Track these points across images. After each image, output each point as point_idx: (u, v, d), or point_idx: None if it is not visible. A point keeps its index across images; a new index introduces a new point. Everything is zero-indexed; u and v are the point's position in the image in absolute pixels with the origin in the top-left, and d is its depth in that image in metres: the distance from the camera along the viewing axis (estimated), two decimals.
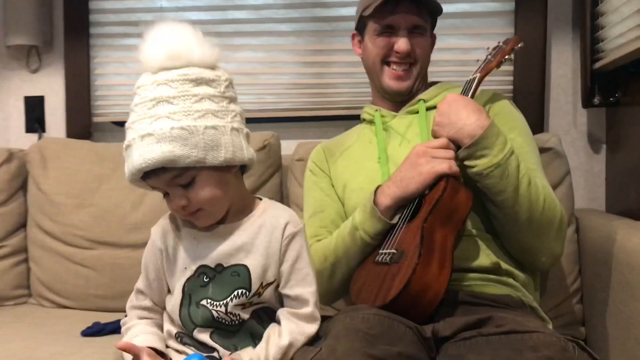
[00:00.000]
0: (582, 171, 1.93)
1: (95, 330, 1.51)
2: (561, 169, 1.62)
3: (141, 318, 1.16)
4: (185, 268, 1.12)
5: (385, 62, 1.40)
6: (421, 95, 1.43)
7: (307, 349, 1.05)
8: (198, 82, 1.04)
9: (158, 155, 0.99)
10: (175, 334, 1.14)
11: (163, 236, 1.14)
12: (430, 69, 1.83)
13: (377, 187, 1.24)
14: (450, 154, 1.20)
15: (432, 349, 1.09)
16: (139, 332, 1.12)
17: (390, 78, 1.40)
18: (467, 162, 1.20)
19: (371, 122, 1.46)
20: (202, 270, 1.11)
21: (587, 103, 1.82)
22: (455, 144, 1.21)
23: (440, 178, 1.18)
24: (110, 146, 1.93)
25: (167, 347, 1.14)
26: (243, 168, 1.14)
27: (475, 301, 1.20)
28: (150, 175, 1.03)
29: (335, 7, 2.03)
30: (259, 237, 1.11)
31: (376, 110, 1.45)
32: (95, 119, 2.16)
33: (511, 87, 1.94)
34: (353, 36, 1.50)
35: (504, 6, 1.95)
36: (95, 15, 2.14)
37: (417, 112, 1.41)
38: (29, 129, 2.20)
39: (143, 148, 1.00)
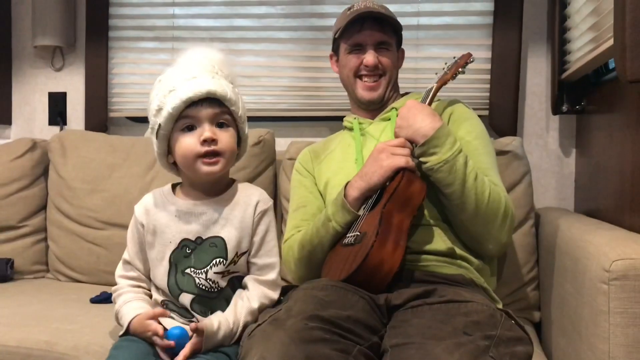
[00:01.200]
0: (554, 173, 2.06)
1: (103, 298, 1.67)
2: (520, 169, 1.73)
3: (131, 287, 1.32)
4: (170, 242, 1.28)
5: (358, 75, 1.55)
6: (394, 104, 1.57)
7: (269, 310, 1.21)
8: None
9: (206, 87, 1.18)
10: (162, 301, 1.31)
11: (145, 213, 1.30)
12: (415, 75, 2.01)
13: (347, 183, 1.38)
14: (407, 151, 1.34)
15: (384, 315, 1.23)
16: (132, 298, 1.28)
17: (362, 89, 1.56)
18: (421, 159, 1.35)
19: (351, 129, 1.61)
20: (184, 243, 1.27)
21: (556, 110, 1.95)
22: (412, 143, 1.36)
23: (398, 171, 1.33)
24: (122, 139, 2.06)
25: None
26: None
27: (429, 279, 1.33)
28: (198, 104, 1.19)
29: (330, 18, 2.15)
30: (233, 212, 1.27)
31: (354, 118, 1.60)
32: (111, 114, 2.27)
33: (487, 94, 2.06)
34: (330, 57, 1.66)
35: (483, 20, 2.07)
36: (114, 20, 2.26)
37: (390, 119, 1.54)
38: (52, 121, 2.34)
39: (192, 84, 1.19)
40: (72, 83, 2.32)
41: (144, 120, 2.20)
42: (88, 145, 2.01)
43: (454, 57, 1.52)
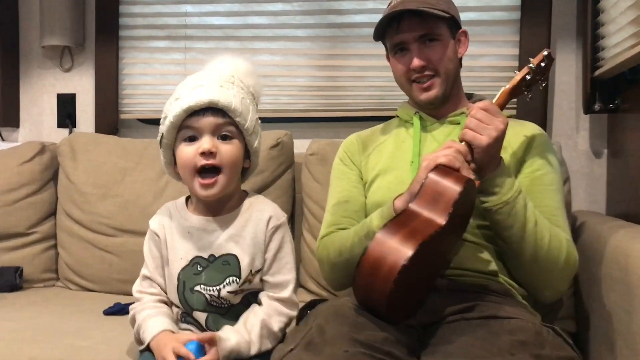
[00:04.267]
0: (584, 175, 1.98)
1: (116, 310, 1.60)
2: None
3: (153, 302, 1.26)
4: (181, 258, 1.23)
5: (410, 80, 1.38)
6: (465, 108, 1.40)
7: (298, 328, 1.12)
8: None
9: (208, 96, 1.13)
10: (180, 314, 1.26)
11: (161, 228, 1.26)
12: None
13: (397, 196, 1.25)
14: (452, 151, 1.17)
15: (418, 332, 1.15)
16: (155, 314, 1.22)
17: (418, 92, 1.38)
18: (480, 198, 1.23)
19: (406, 121, 1.45)
20: (196, 260, 1.22)
21: (588, 109, 1.86)
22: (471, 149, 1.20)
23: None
24: (135, 141, 2.00)
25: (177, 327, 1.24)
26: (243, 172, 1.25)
27: (464, 288, 1.25)
28: (199, 114, 1.14)
29: (348, 14, 2.08)
30: (246, 229, 1.22)
31: (415, 113, 1.43)
32: (122, 116, 2.22)
33: None
34: (387, 58, 1.47)
35: (510, 15, 1.99)
36: (125, 18, 2.21)
37: (459, 124, 1.39)
38: (61, 124, 2.28)
39: (195, 93, 1.14)
40: (82, 84, 2.27)
41: (156, 122, 2.05)
42: (99, 149, 1.96)
43: (530, 59, 1.35)
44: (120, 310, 1.59)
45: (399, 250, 1.03)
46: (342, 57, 2.09)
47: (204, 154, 1.15)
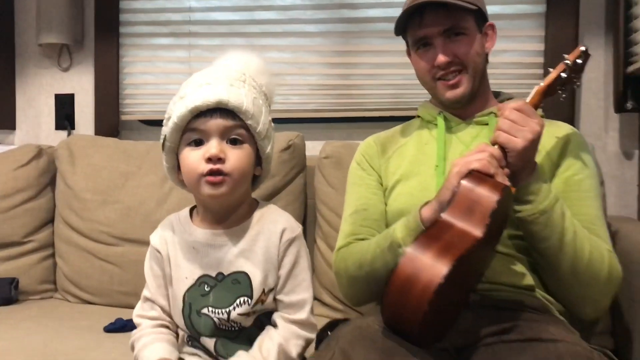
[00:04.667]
0: (614, 177, 1.88)
1: (118, 326, 1.51)
2: None
3: (153, 327, 1.16)
4: (186, 277, 1.12)
5: (435, 77, 1.30)
6: (493, 108, 1.32)
7: (319, 354, 1.02)
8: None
9: (216, 96, 1.02)
10: (187, 338, 1.15)
11: (163, 244, 1.15)
12: None
13: (423, 205, 1.17)
14: (485, 155, 1.08)
15: (452, 357, 1.05)
16: (153, 340, 1.12)
17: (443, 89, 1.30)
18: (514, 206, 1.14)
19: (429, 122, 1.37)
20: (203, 279, 1.11)
21: (619, 108, 1.77)
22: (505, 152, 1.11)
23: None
24: (137, 144, 1.93)
25: (182, 352, 1.15)
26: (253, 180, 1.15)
27: (499, 305, 1.16)
28: (206, 115, 1.04)
29: (362, 9, 2.00)
30: (257, 243, 1.11)
31: (439, 113, 1.34)
32: (123, 117, 2.16)
33: None
34: (408, 54, 1.39)
35: (535, 8, 1.91)
36: (126, 14, 2.14)
37: (487, 124, 1.31)
38: (59, 126, 2.22)
39: (202, 91, 1.04)
40: (81, 84, 2.21)
41: (159, 123, 2.02)
42: (99, 152, 1.88)
43: (564, 56, 1.26)
44: (122, 327, 1.49)
45: (434, 266, 0.94)
46: (355, 54, 2.02)
47: (210, 159, 1.04)
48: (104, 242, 1.80)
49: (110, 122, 2.15)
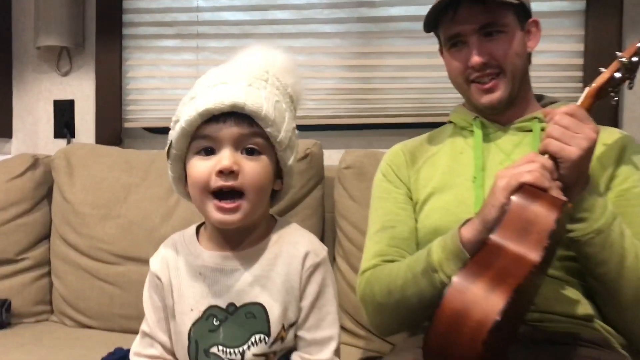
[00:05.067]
0: None
1: (118, 358, 1.35)
2: None
3: None
4: (192, 309, 0.97)
5: (468, 80, 1.20)
6: (537, 112, 1.22)
7: None
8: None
9: (231, 97, 0.90)
10: None
11: (164, 269, 1.01)
12: None
13: (464, 222, 1.05)
14: (536, 166, 0.97)
15: None
16: None
17: (478, 93, 1.19)
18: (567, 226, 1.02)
19: (463, 128, 1.27)
20: (211, 311, 0.97)
21: None
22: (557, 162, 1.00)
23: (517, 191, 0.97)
24: (140, 153, 1.83)
25: None
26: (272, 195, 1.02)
27: (552, 339, 1.04)
28: (219, 120, 0.91)
29: (383, 7, 1.92)
30: (275, 268, 0.96)
31: (475, 118, 1.24)
32: (126, 125, 2.08)
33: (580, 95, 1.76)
34: (440, 52, 1.29)
35: (574, 5, 1.80)
36: (129, 15, 2.07)
37: (530, 131, 1.20)
38: (58, 134, 2.15)
39: (215, 92, 0.92)
40: (81, 89, 2.13)
41: (164, 131, 2.00)
42: (99, 162, 1.78)
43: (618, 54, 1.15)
44: (121, 358, 1.33)
45: (487, 300, 0.82)
46: (376, 55, 1.94)
47: (222, 173, 0.90)
48: (104, 260, 1.69)
49: (112, 130, 2.07)
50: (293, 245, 0.98)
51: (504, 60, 1.16)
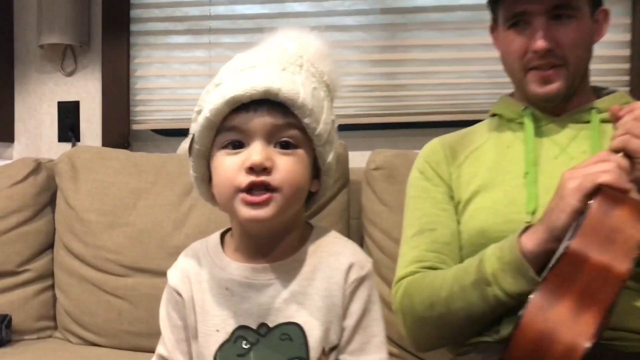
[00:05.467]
0: None
1: None
2: None
3: None
4: (217, 330, 0.86)
5: (526, 67, 1.10)
6: (596, 103, 1.13)
7: None
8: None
9: (264, 82, 0.80)
10: None
11: (184, 283, 0.90)
12: None
13: (525, 228, 0.95)
14: (611, 165, 0.89)
15: None
16: None
17: (533, 81, 1.10)
18: None
19: (510, 120, 1.18)
20: (240, 332, 0.86)
21: None
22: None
23: (594, 194, 0.87)
24: (150, 156, 1.75)
25: None
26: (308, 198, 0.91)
27: None
28: (249, 109, 0.81)
29: None
30: (313, 283, 0.86)
31: (525, 108, 1.15)
32: (135, 127, 2.03)
33: (627, 88, 1.69)
34: (491, 30, 1.22)
35: None
36: (137, 10, 2.03)
37: (588, 122, 1.12)
38: (62, 137, 2.09)
39: (245, 77, 0.81)
40: (87, 90, 2.08)
41: (175, 133, 1.99)
42: (106, 166, 1.70)
43: None
44: None
45: (575, 322, 0.74)
46: (402, 49, 1.88)
47: (252, 169, 0.79)
48: (111, 272, 1.62)
49: (119, 133, 2.02)
50: (334, 256, 0.86)
51: (570, 49, 1.06)
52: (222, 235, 0.92)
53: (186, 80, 2.02)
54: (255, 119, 0.80)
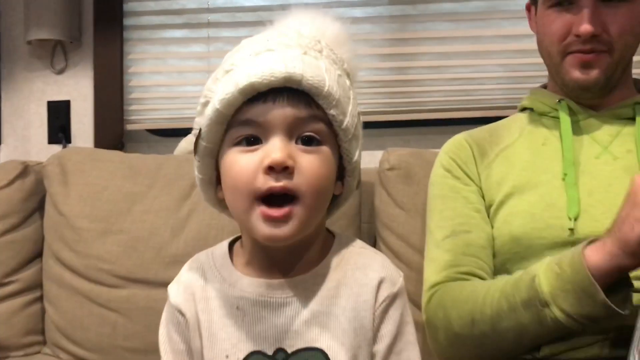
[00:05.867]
0: None
1: None
2: None
3: None
4: (227, 356, 0.77)
5: (566, 51, 1.04)
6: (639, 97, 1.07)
7: None
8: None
9: (286, 67, 0.71)
10: None
11: (188, 300, 0.80)
12: None
13: (589, 242, 0.87)
14: None
15: None
16: None
17: (572, 66, 1.03)
18: None
19: (543, 114, 1.11)
20: (253, 359, 0.76)
21: None
22: None
23: None
24: (146, 158, 1.68)
25: None
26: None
27: None
28: (267, 98, 0.72)
29: None
30: (338, 302, 0.77)
31: (559, 100, 1.07)
32: (129, 127, 1.98)
33: None
34: (527, 8, 1.15)
35: None
36: (131, 3, 1.99)
37: (631, 119, 1.05)
38: (52, 139, 2.04)
39: (261, 61, 0.73)
40: (78, 88, 2.03)
41: (172, 133, 1.94)
42: (98, 168, 1.64)
43: None
44: None
45: None
46: (414, 41, 1.83)
47: (272, 169, 0.69)
48: (104, 283, 1.54)
49: (113, 133, 1.98)
50: (361, 270, 0.77)
51: (618, 37, 1.00)
52: (231, 245, 0.82)
53: (183, 77, 1.98)
54: (274, 111, 0.70)
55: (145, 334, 1.46)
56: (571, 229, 0.94)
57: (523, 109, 1.15)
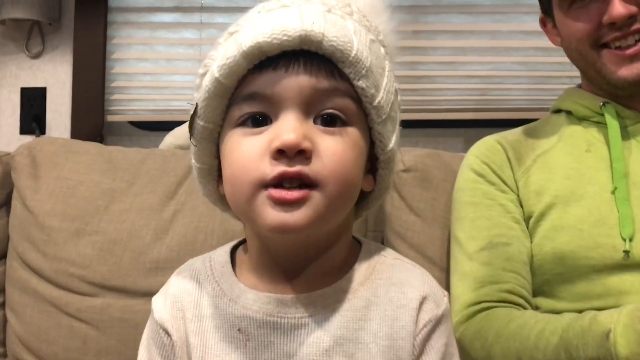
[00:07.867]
0: None
1: None
2: None
3: None
4: None
5: (599, 44, 0.97)
6: None
7: None
8: None
9: (301, 24, 0.58)
10: None
11: (176, 318, 0.67)
12: None
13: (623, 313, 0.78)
14: None
15: None
16: None
17: (615, 62, 0.96)
18: None
19: (584, 118, 1.03)
20: None
21: None
22: None
23: None
24: (126, 151, 1.57)
25: None
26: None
27: None
28: (278, 65, 0.59)
29: None
30: (368, 325, 0.64)
31: (604, 103, 0.99)
32: (109, 118, 1.93)
33: None
34: (541, 22, 1.10)
35: None
36: None
37: None
38: (25, 129, 1.98)
39: (272, 18, 0.61)
40: (55, 74, 1.98)
41: (157, 126, 1.91)
42: (73, 161, 1.52)
43: None
44: None
45: None
46: (429, 34, 1.79)
47: (282, 153, 0.56)
48: (75, 290, 1.42)
49: (92, 125, 1.92)
50: (397, 286, 0.64)
51: None
52: (233, 251, 0.69)
53: (172, 65, 1.91)
54: (286, 80, 0.57)
55: (120, 349, 1.35)
56: (626, 252, 0.86)
57: (557, 110, 1.08)
